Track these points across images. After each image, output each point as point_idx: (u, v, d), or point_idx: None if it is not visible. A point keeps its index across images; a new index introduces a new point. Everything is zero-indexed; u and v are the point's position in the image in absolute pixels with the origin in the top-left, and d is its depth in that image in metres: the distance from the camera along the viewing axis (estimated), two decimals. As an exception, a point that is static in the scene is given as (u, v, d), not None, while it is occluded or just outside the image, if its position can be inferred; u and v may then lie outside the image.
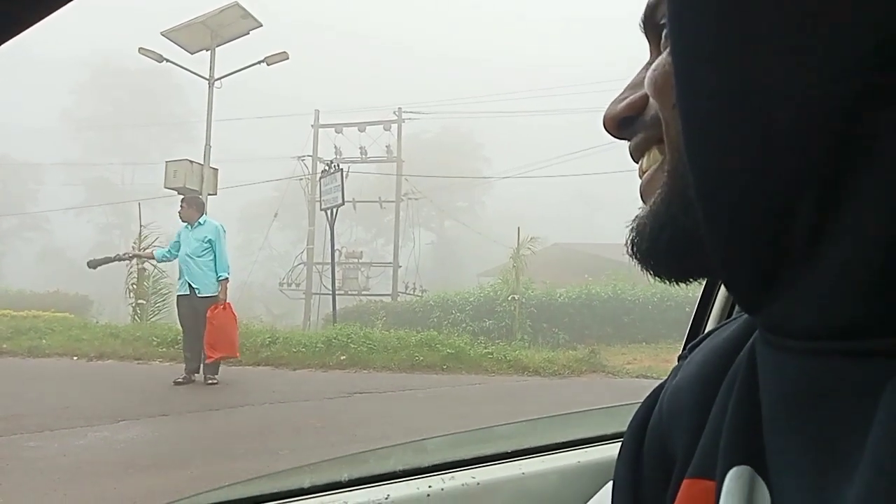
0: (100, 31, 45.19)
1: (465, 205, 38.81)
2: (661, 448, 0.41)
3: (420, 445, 0.97)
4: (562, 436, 0.94)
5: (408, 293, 19.74)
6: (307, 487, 0.80)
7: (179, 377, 6.76)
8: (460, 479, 0.84)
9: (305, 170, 19.88)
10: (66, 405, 5.57)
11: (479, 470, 0.86)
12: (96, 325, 11.02)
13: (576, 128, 35.78)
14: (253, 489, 0.80)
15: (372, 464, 0.86)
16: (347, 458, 0.93)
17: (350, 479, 0.81)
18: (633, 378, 8.47)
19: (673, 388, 0.43)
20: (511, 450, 0.90)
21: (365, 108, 22.32)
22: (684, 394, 0.40)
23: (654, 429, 0.43)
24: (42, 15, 0.30)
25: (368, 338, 9.43)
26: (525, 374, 8.42)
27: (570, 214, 44.15)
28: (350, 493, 0.80)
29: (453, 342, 9.36)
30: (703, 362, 0.41)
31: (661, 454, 0.41)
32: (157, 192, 12.70)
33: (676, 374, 0.44)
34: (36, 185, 42.55)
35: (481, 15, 62.91)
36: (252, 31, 12.47)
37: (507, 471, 0.86)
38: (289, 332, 10.95)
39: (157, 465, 4.05)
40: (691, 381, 0.40)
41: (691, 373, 0.41)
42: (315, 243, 19.84)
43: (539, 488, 0.86)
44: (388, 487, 0.81)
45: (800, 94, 0.23)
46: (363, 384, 7.25)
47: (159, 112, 42.50)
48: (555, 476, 0.87)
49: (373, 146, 20.84)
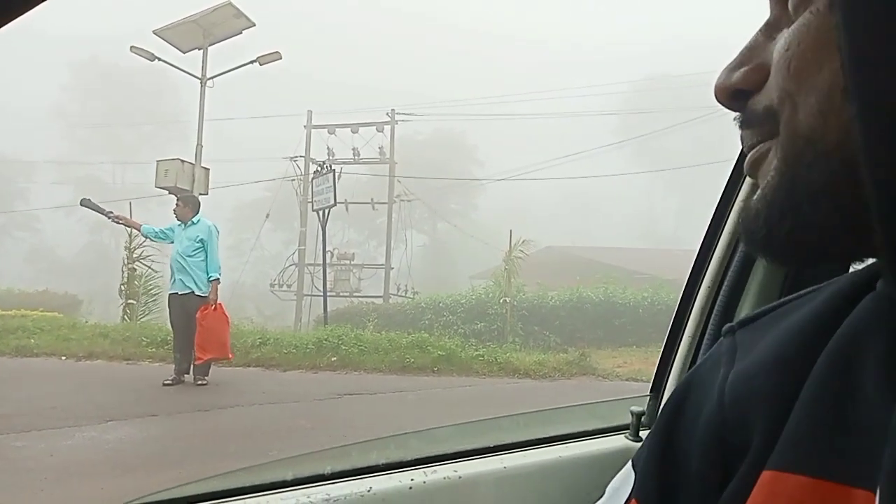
0: (92, 29, 44.94)
1: (458, 207, 38.80)
2: (719, 438, 0.39)
3: (403, 439, 0.98)
4: (543, 431, 0.95)
5: (399, 295, 19.71)
6: (290, 480, 0.80)
7: (169, 378, 6.72)
8: (442, 473, 0.85)
9: (298, 170, 19.82)
10: (54, 405, 5.53)
11: (462, 464, 0.87)
12: (85, 325, 10.94)
13: (569, 131, 35.92)
14: (236, 481, 0.80)
15: (355, 457, 0.87)
16: (330, 452, 0.94)
17: (333, 471, 0.82)
18: (622, 381, 8.50)
19: (740, 373, 0.40)
20: (493, 444, 0.91)
21: (358, 110, 22.29)
22: (758, 380, 0.38)
23: (710, 417, 0.40)
24: (29, 5, 0.29)
25: (359, 339, 9.42)
26: (515, 377, 8.43)
27: (562, 217, 44.25)
28: (333, 485, 0.81)
29: (444, 344, 9.37)
30: (779, 347, 0.38)
31: (721, 443, 0.38)
32: (148, 191, 12.62)
33: (734, 358, 0.41)
34: (26, 183, 42.19)
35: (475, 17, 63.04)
36: (245, 30, 12.42)
37: (489, 465, 0.87)
38: (280, 333, 10.91)
39: (145, 465, 4.04)
40: (766, 366, 0.38)
41: (763, 358, 0.38)
42: (307, 244, 19.79)
43: (520, 482, 0.88)
44: (371, 480, 0.82)
45: None
46: (354, 386, 7.24)
47: (151, 111, 42.32)
48: (536, 470, 0.89)
49: (365, 147, 20.80)
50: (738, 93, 0.37)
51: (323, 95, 32.36)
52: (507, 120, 31.85)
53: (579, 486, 0.89)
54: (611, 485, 0.48)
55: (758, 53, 0.37)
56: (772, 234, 0.35)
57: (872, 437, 0.29)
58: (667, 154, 34.26)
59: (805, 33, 0.33)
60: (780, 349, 0.38)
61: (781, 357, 0.37)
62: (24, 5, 0.29)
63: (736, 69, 0.37)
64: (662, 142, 31.31)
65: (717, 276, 0.97)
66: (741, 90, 0.37)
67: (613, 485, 0.47)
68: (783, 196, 0.34)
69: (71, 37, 43.77)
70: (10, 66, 44.30)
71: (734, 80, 0.37)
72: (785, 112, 0.34)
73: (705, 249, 0.99)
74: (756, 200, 0.36)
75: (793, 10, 0.34)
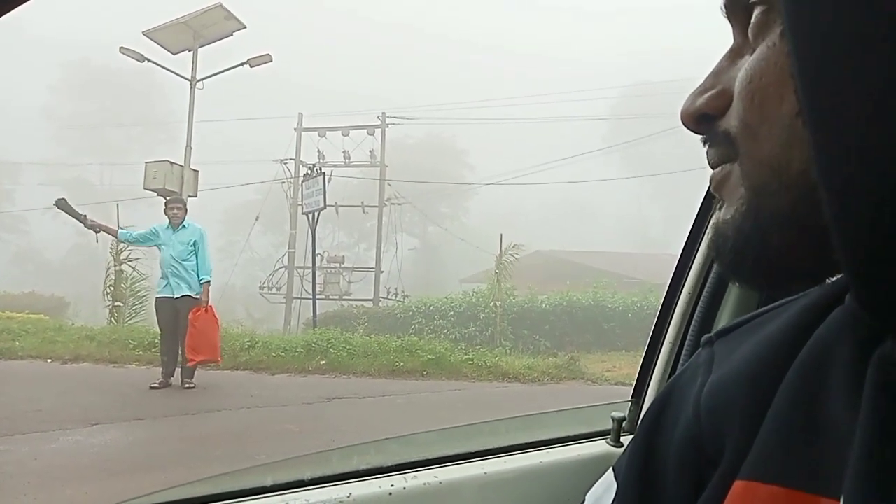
0: (81, 29, 44.66)
1: (449, 211, 38.82)
2: (695, 448, 0.39)
3: (382, 445, 0.98)
4: (525, 437, 0.95)
5: (389, 298, 19.68)
6: (269, 486, 0.80)
7: (156, 381, 6.68)
8: (423, 479, 0.85)
9: (288, 173, 19.78)
10: (39, 408, 5.48)
11: (442, 469, 0.87)
12: (71, 327, 10.83)
13: (560, 135, 36.04)
14: (215, 487, 0.80)
15: (334, 463, 0.87)
16: (310, 457, 0.94)
17: (312, 477, 0.82)
18: (611, 385, 8.53)
19: (715, 384, 0.40)
20: (474, 450, 0.91)
21: (349, 113, 22.28)
22: (732, 391, 0.38)
23: (686, 427, 0.40)
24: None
25: (349, 343, 9.40)
26: (505, 381, 8.44)
27: (552, 222, 44.38)
28: (312, 491, 0.80)
29: (434, 348, 9.36)
30: (753, 358, 0.38)
31: (697, 453, 0.39)
32: (137, 192, 12.56)
33: (710, 368, 0.42)
34: (12, 185, 41.79)
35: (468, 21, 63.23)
36: (235, 32, 12.40)
37: (470, 470, 0.88)
38: (268, 336, 10.87)
39: (131, 469, 4.01)
40: (739, 377, 0.38)
41: (737, 369, 0.39)
42: (297, 247, 19.73)
43: (501, 487, 0.88)
44: (351, 486, 0.82)
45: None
46: (343, 389, 7.22)
47: (140, 112, 42.07)
48: (517, 476, 0.89)
49: (356, 151, 20.79)
50: (702, 117, 0.38)
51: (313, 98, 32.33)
52: (498, 124, 31.96)
53: (560, 491, 0.89)
54: (592, 492, 0.48)
55: (721, 79, 0.38)
56: (740, 260, 0.36)
57: (839, 445, 0.30)
58: (656, 159, 34.47)
59: (764, 66, 0.33)
60: (753, 360, 0.38)
61: (755, 368, 0.38)
62: (8, 4, 0.28)
63: (700, 95, 0.38)
64: (652, 147, 31.49)
65: (698, 283, 0.98)
66: (706, 115, 0.38)
67: (595, 492, 0.47)
68: (750, 224, 0.35)
69: (60, 37, 43.49)
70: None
71: (699, 106, 0.38)
72: (747, 142, 0.35)
73: (685, 257, 1.00)
74: (725, 225, 0.37)
75: (752, 39, 0.35)
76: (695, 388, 0.41)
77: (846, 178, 0.24)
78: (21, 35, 40.93)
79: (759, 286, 0.38)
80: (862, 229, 0.24)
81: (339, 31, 59.52)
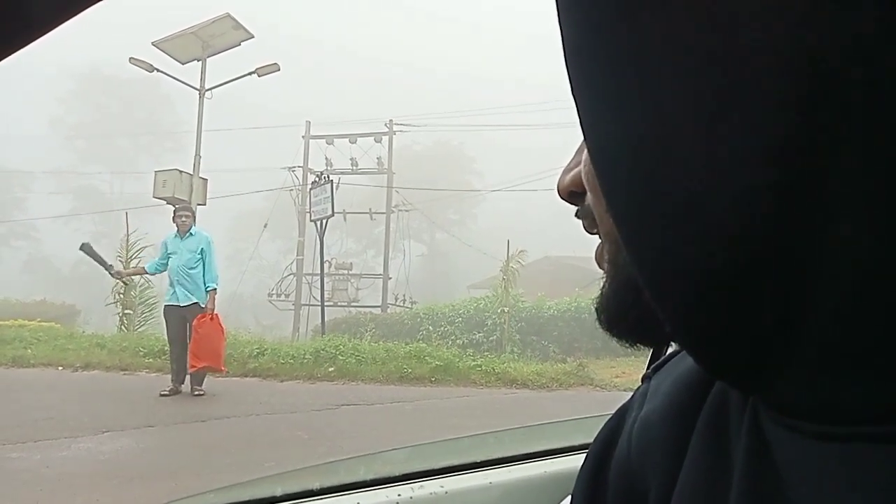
0: (91, 40, 45.10)
1: (456, 217, 38.89)
2: (628, 484, 0.38)
3: (389, 455, 0.99)
4: (529, 446, 0.96)
5: (397, 305, 19.71)
6: (279, 496, 0.82)
7: (166, 388, 6.72)
8: (429, 488, 0.86)
9: (296, 181, 19.87)
10: (50, 416, 5.53)
11: (448, 479, 0.88)
12: (82, 335, 10.92)
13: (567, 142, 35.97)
14: (225, 497, 0.82)
15: (342, 473, 0.88)
16: (317, 467, 0.95)
17: (321, 487, 0.84)
18: (620, 391, 8.49)
19: (643, 420, 0.38)
20: (479, 460, 0.92)
21: (356, 120, 22.38)
22: (655, 430, 0.37)
23: (621, 462, 0.39)
24: (47, 28, 0.28)
25: (357, 349, 9.41)
26: (513, 387, 8.42)
27: (560, 227, 44.28)
28: (320, 501, 0.82)
29: (442, 354, 9.36)
30: (671, 396, 0.37)
31: (629, 490, 0.38)
32: (146, 201, 12.65)
33: (644, 402, 0.40)
34: (24, 193, 42.27)
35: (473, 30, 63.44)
36: (243, 42, 12.49)
37: (475, 480, 0.89)
38: (277, 343, 10.90)
39: (142, 476, 4.03)
40: (661, 415, 0.37)
41: (660, 406, 0.37)
42: (305, 254, 19.80)
43: (506, 497, 0.89)
44: (358, 496, 0.84)
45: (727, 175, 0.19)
46: (351, 396, 7.23)
47: (149, 122, 42.48)
48: (521, 485, 0.90)
49: (364, 158, 20.86)
50: (571, 193, 0.41)
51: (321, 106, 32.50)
52: (506, 131, 31.99)
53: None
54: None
55: (582, 157, 0.40)
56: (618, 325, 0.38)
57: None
58: (664, 164, 34.27)
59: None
60: (675, 395, 0.36)
61: (675, 404, 0.36)
62: (40, 29, 0.28)
63: (567, 173, 0.41)
64: (660, 152, 31.31)
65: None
66: (573, 192, 0.41)
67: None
68: (622, 296, 0.37)
69: (70, 48, 43.94)
70: (9, 76, 44.42)
71: (566, 183, 0.41)
72: (599, 217, 0.38)
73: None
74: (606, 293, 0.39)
75: None
76: (629, 422, 0.40)
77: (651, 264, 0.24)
78: (31, 46, 41.31)
79: (642, 344, 0.39)
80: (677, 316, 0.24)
81: (345, 40, 59.84)
